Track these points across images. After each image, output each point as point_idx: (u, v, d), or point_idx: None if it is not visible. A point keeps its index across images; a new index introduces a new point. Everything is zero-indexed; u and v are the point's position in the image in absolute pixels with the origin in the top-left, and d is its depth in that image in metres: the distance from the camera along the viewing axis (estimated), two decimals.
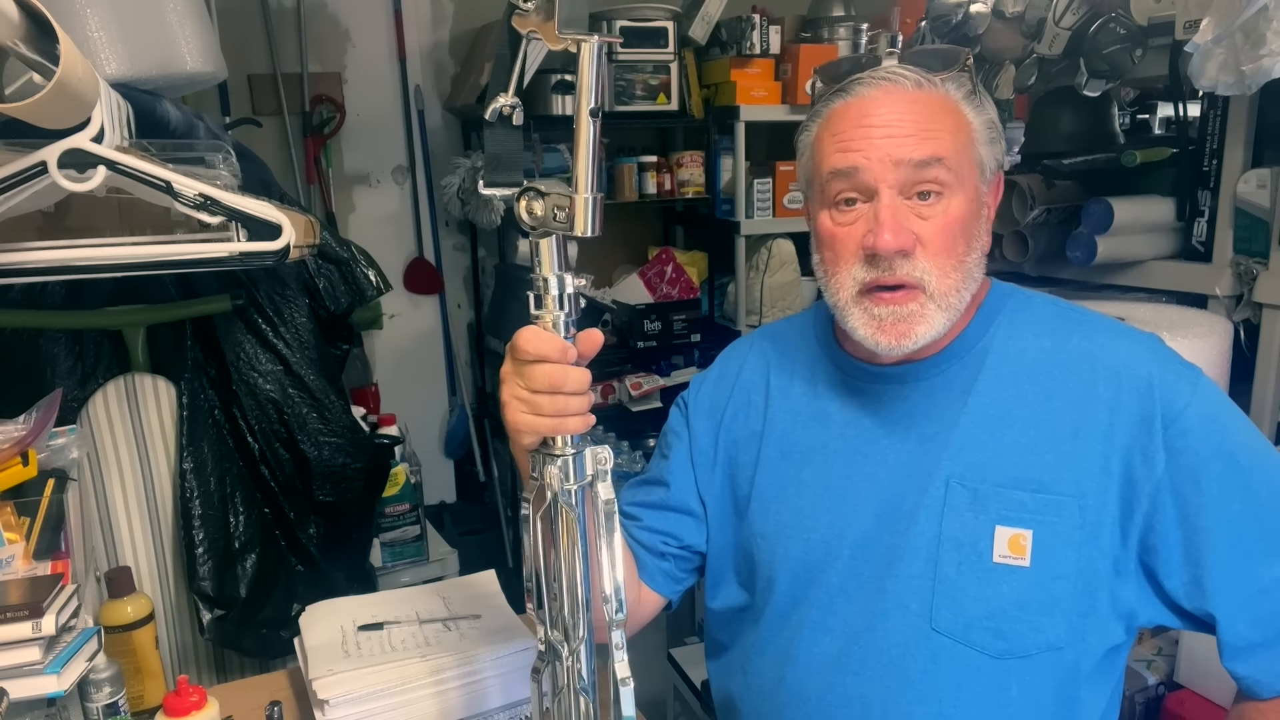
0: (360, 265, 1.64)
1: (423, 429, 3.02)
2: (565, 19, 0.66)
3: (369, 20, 2.77)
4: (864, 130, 0.84)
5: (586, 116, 0.66)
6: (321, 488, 1.58)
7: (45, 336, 1.44)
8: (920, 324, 0.85)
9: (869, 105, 0.85)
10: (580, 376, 0.72)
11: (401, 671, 1.08)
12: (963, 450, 0.88)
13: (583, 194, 0.67)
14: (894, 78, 0.85)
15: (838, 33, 2.68)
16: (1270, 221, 1.48)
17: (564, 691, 0.77)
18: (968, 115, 0.86)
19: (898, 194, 0.84)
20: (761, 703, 0.97)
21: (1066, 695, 0.87)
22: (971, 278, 0.87)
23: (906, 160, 0.83)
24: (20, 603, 0.95)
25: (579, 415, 0.73)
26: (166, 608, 1.55)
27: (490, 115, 0.71)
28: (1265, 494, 0.84)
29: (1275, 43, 1.19)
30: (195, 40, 1.38)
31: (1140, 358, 0.87)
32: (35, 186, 1.07)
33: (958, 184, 0.84)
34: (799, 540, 0.94)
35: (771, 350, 1.05)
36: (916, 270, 0.84)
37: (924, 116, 0.84)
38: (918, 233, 0.84)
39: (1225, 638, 0.85)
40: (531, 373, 0.72)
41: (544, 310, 0.71)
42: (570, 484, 0.73)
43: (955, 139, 0.84)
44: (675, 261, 2.83)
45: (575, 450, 0.73)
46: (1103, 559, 0.85)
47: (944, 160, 0.83)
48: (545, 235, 0.69)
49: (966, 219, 0.85)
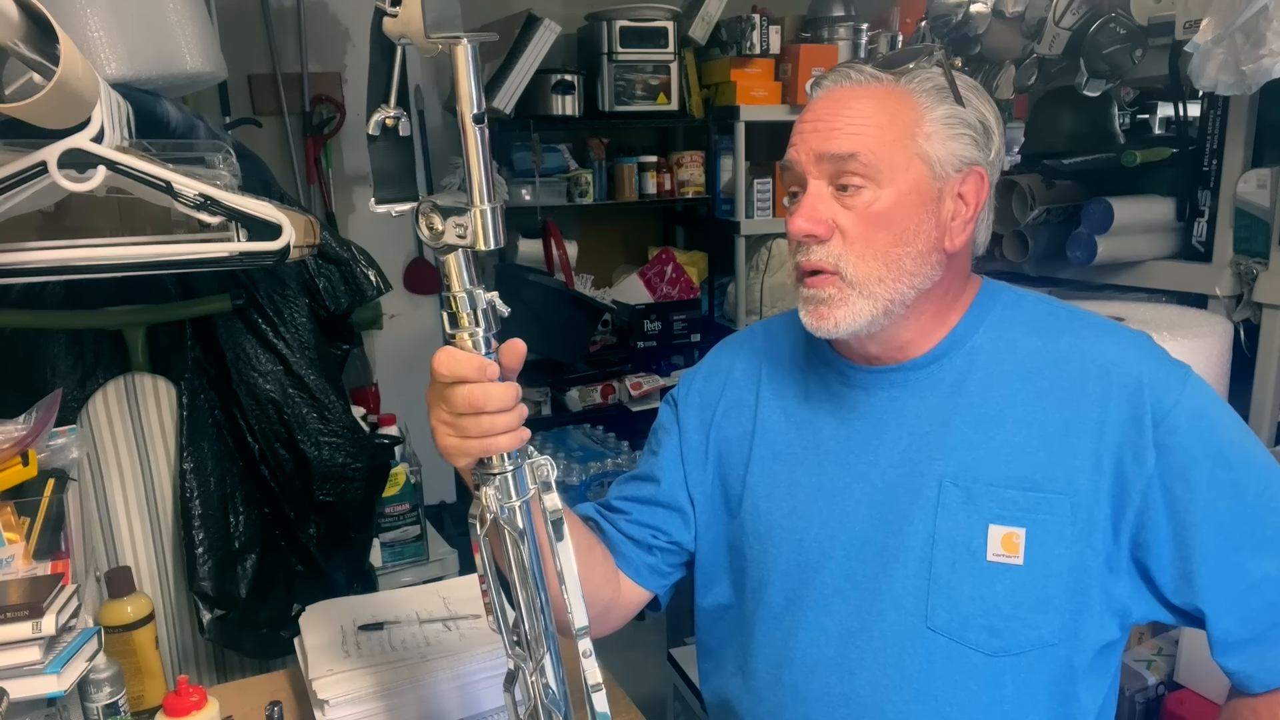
0: (360, 265, 1.64)
1: (423, 429, 2.99)
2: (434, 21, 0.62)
3: (369, 20, 2.76)
4: (801, 126, 0.89)
5: (471, 124, 0.63)
6: (321, 488, 1.58)
7: (45, 336, 1.44)
8: (840, 308, 0.87)
9: (815, 103, 0.89)
10: (504, 393, 0.70)
11: (401, 672, 1.08)
12: (955, 450, 0.89)
13: (479, 205, 0.64)
14: (841, 74, 0.89)
15: (838, 33, 2.69)
16: (1270, 221, 1.48)
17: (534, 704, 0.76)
18: (920, 110, 0.86)
19: (826, 184, 0.87)
20: (758, 704, 0.97)
21: (1062, 692, 0.88)
22: (903, 271, 0.86)
23: (826, 154, 0.86)
24: (20, 603, 0.95)
25: (507, 433, 0.71)
26: (166, 608, 1.55)
27: (373, 129, 0.68)
28: (1254, 491, 0.84)
29: (1275, 43, 1.19)
30: (195, 40, 1.38)
31: (1130, 355, 0.88)
32: (35, 186, 1.07)
33: (881, 179, 0.85)
34: (792, 540, 0.94)
35: (764, 348, 1.05)
36: (830, 256, 0.86)
37: (855, 113, 0.86)
38: (839, 221, 0.86)
39: (1215, 633, 0.86)
40: (452, 395, 0.69)
41: (459, 329, 0.68)
42: (512, 500, 0.71)
43: (884, 133, 0.85)
44: (675, 261, 2.83)
45: (514, 466, 0.71)
46: (1095, 556, 0.86)
47: (857, 155, 0.84)
48: (449, 251, 0.67)
49: (893, 212, 0.85)
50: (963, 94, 0.87)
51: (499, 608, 0.75)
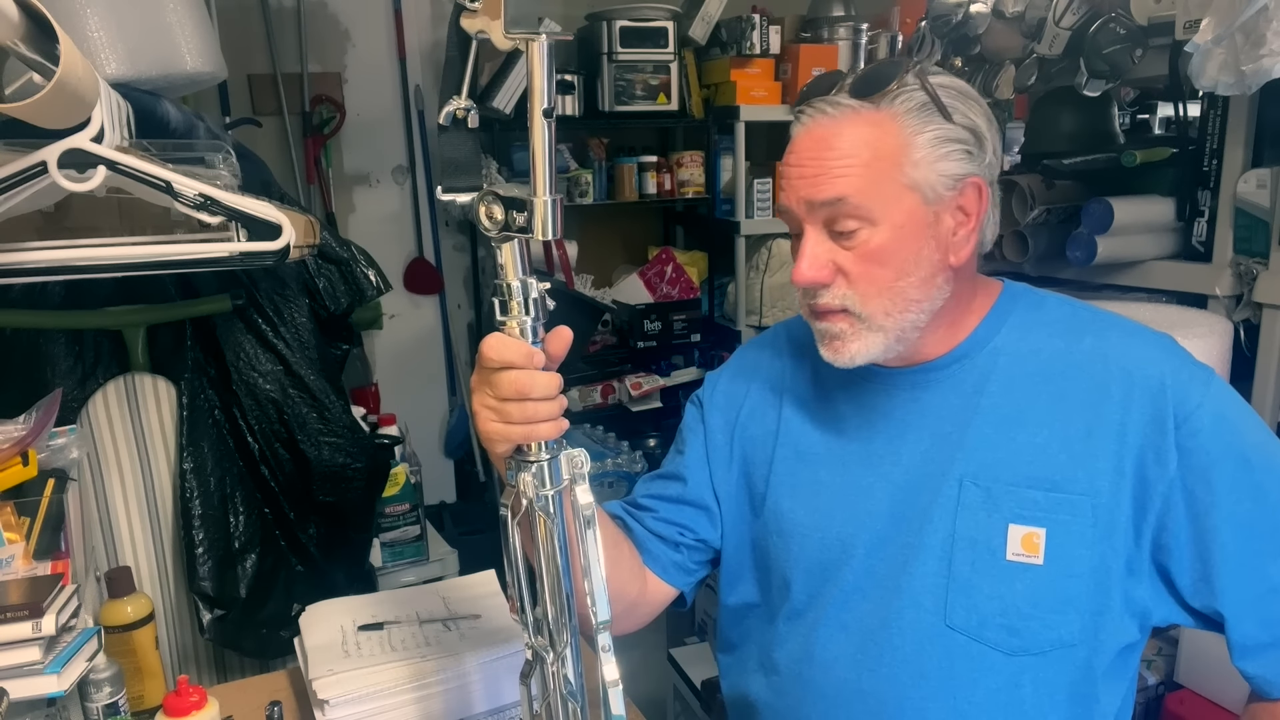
0: (360, 265, 1.64)
1: (423, 429, 3.02)
2: (513, 18, 0.65)
3: (369, 20, 2.77)
4: (788, 170, 0.88)
5: (540, 118, 0.65)
6: (321, 488, 1.58)
7: (45, 336, 1.43)
8: (853, 342, 0.88)
9: (797, 142, 0.88)
10: (548, 381, 0.71)
11: (401, 671, 1.08)
12: (976, 450, 0.89)
13: (542, 196, 0.66)
14: (817, 109, 0.86)
15: (838, 33, 2.68)
16: (1270, 221, 1.48)
17: (553, 695, 0.76)
18: (904, 135, 0.84)
19: (822, 228, 0.87)
20: (778, 699, 0.98)
21: (1081, 693, 0.88)
22: (910, 300, 0.86)
23: (815, 201, 0.85)
24: (20, 603, 0.95)
25: (550, 421, 0.72)
26: (166, 608, 1.55)
27: (444, 119, 0.71)
28: (1276, 494, 0.84)
29: (1275, 43, 1.19)
30: (195, 40, 1.38)
31: (1153, 357, 0.88)
32: (35, 186, 1.07)
33: (873, 216, 0.84)
34: (814, 539, 0.95)
35: (787, 349, 1.06)
36: (836, 299, 0.87)
37: (838, 153, 0.84)
38: (840, 264, 0.86)
39: (1234, 637, 0.86)
40: (498, 380, 0.71)
41: (510, 316, 0.70)
42: (546, 489, 0.72)
43: (870, 170, 0.83)
44: (675, 261, 2.83)
45: (550, 455, 0.73)
46: (1116, 558, 0.86)
47: (846, 199, 0.84)
48: (507, 240, 0.68)
49: (891, 247, 0.85)
50: (947, 105, 0.84)
51: (522, 597, 0.76)
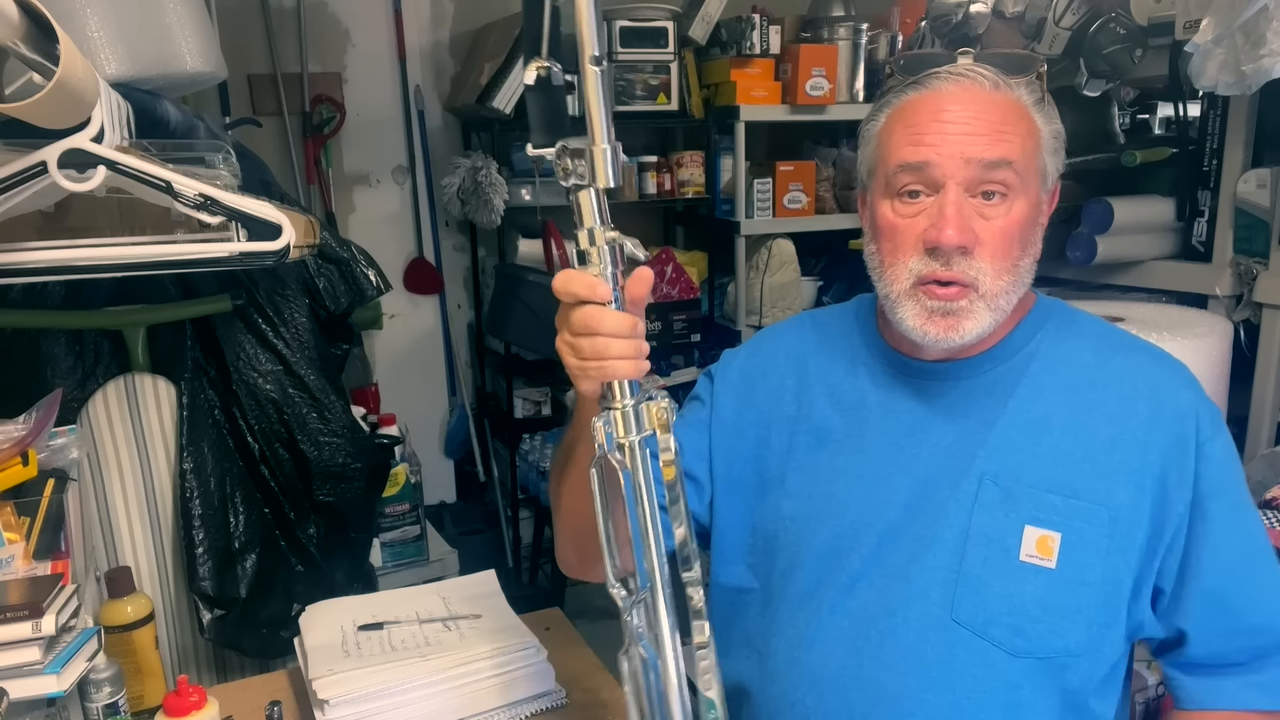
0: (360, 265, 1.64)
1: (423, 429, 3.02)
2: None
3: (369, 20, 2.77)
4: (939, 125, 0.85)
5: (590, 66, 0.66)
6: (321, 488, 1.58)
7: (45, 336, 1.43)
8: (968, 320, 0.86)
9: (945, 100, 0.85)
10: (619, 319, 0.70)
11: (401, 671, 1.08)
12: (999, 450, 0.90)
13: (599, 144, 0.67)
14: (972, 75, 0.86)
15: (838, 33, 2.68)
16: (1270, 221, 1.48)
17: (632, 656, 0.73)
18: (1037, 122, 0.88)
19: (964, 191, 0.85)
20: (771, 684, 0.97)
21: (1075, 704, 0.88)
22: (1022, 282, 0.89)
23: (978, 159, 0.83)
24: (20, 603, 0.95)
25: (623, 359, 0.71)
26: (166, 608, 1.55)
27: (529, 79, 0.71)
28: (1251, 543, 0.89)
29: (1275, 43, 1.19)
30: (195, 40, 1.38)
31: (1179, 381, 0.91)
32: (35, 186, 1.07)
33: (1022, 188, 0.85)
34: (828, 525, 0.95)
35: (812, 337, 1.05)
36: (972, 269, 0.85)
37: (998, 118, 0.84)
38: (978, 231, 0.85)
39: (1192, 653, 0.89)
40: (572, 316, 0.72)
41: (587, 265, 0.71)
42: (626, 437, 0.71)
43: (1025, 144, 0.85)
44: (675, 261, 2.83)
45: (632, 402, 0.72)
46: (1127, 574, 0.87)
47: (1013, 164, 0.84)
48: (579, 189, 0.69)
49: (1025, 223, 0.87)
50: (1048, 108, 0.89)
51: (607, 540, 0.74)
